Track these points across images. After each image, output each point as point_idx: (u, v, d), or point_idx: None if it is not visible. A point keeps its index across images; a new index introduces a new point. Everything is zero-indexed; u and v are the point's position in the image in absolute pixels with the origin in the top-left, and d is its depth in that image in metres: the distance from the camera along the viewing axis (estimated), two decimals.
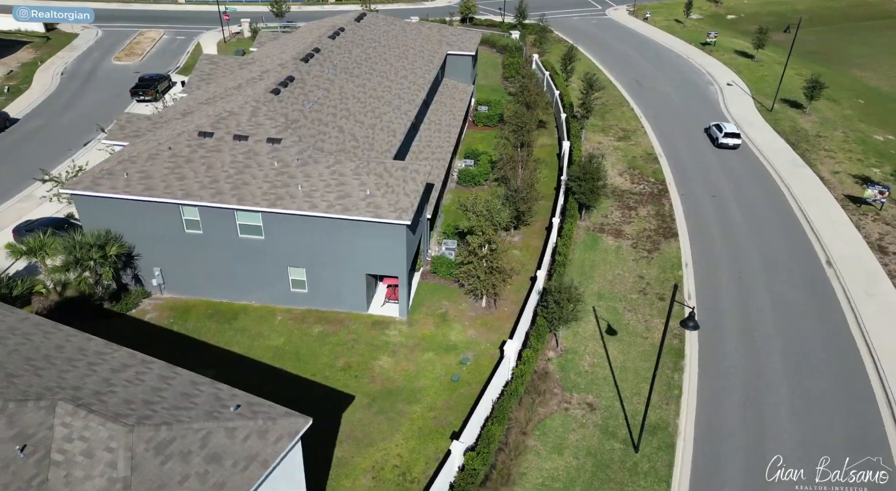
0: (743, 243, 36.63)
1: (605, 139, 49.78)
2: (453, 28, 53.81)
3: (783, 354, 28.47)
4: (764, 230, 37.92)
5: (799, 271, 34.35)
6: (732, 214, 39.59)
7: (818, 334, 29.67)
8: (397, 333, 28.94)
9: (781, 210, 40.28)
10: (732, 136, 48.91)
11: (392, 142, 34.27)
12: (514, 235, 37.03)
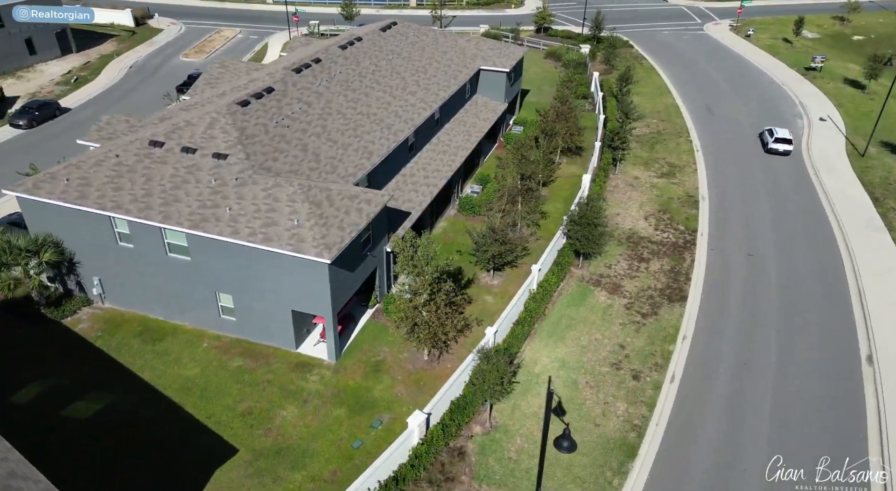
0: (764, 323, 30.40)
1: (644, 174, 44.20)
2: (495, 42, 50.17)
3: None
4: (799, 310, 31.16)
5: (823, 381, 27.89)
6: (765, 282, 33.23)
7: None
8: (317, 380, 26.16)
9: (832, 287, 33.15)
10: (784, 141, 46.10)
11: (363, 165, 31.51)
12: (495, 278, 33.10)
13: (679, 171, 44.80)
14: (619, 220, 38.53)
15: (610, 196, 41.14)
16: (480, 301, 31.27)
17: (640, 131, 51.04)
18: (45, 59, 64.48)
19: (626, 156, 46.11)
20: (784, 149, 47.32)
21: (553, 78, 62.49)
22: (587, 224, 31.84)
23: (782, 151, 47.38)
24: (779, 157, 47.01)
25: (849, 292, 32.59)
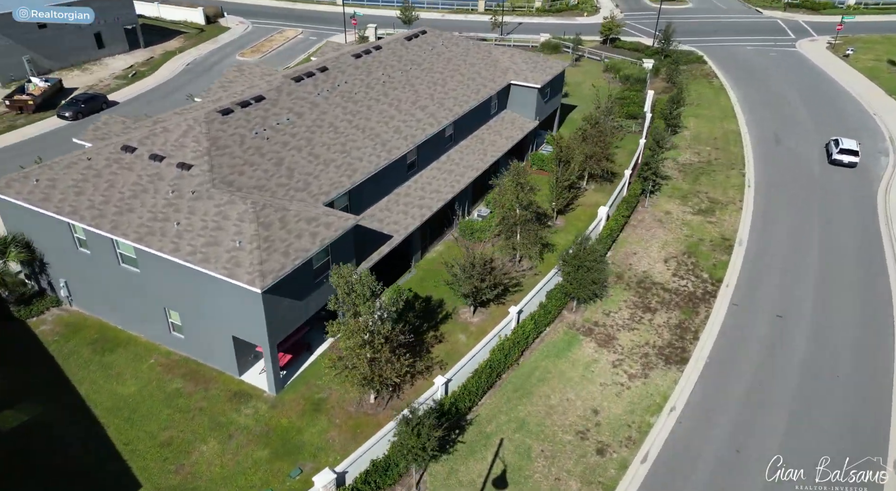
0: (775, 410, 25.72)
1: (677, 209, 39.69)
2: (531, 54, 46.97)
3: None
4: (822, 401, 26.06)
5: None
6: (790, 354, 28.42)
7: None
8: (251, 413, 24.45)
9: (875, 374, 27.95)
10: (849, 152, 43.70)
11: (341, 183, 29.56)
12: (477, 315, 30.26)
13: (720, 208, 39.93)
14: (635, 260, 34.55)
15: (632, 232, 37.12)
16: (452, 340, 28.58)
17: (686, 159, 46.28)
18: (113, 53, 67.28)
19: (662, 187, 41.75)
20: (849, 160, 45.27)
21: (608, 94, 58.30)
22: (578, 267, 28.41)
23: (847, 163, 45.37)
24: (844, 205, 40.95)
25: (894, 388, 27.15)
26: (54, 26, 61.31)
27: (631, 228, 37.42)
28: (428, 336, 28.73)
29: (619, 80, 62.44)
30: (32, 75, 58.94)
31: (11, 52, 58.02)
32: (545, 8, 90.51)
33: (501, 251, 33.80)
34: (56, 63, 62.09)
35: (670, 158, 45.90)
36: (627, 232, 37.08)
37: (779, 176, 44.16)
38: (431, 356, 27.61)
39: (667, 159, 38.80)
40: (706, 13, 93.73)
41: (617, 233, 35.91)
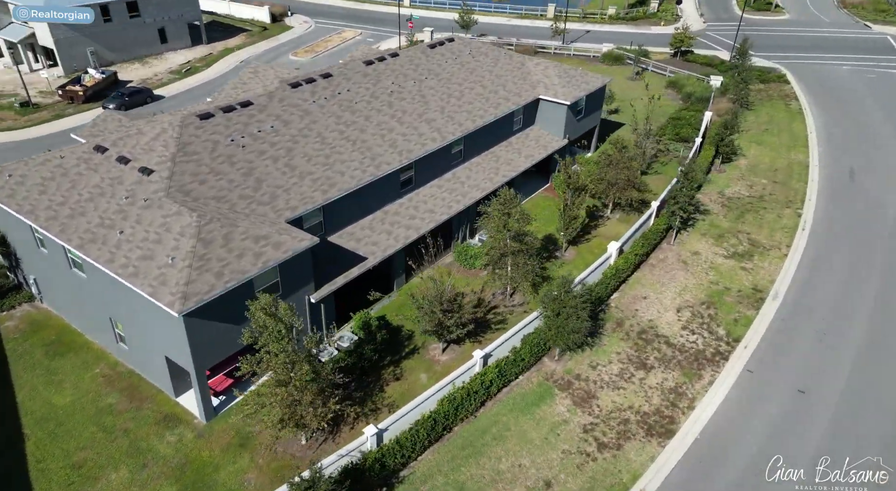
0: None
1: (708, 250, 35.05)
2: (567, 68, 43.26)
3: None
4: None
5: None
6: (804, 445, 23.77)
7: None
8: (174, 441, 22.93)
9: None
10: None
11: (313, 198, 27.59)
12: (448, 353, 27.48)
13: (760, 253, 34.92)
14: (643, 306, 30.57)
15: (648, 272, 33.03)
16: (411, 380, 25.98)
17: (735, 191, 41.18)
18: (175, 48, 69.16)
19: (698, 222, 37.17)
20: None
21: (666, 112, 53.63)
22: (559, 312, 25.04)
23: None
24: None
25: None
26: (119, 20, 63.81)
27: (648, 268, 33.32)
28: (387, 372, 26.30)
29: (680, 98, 57.41)
30: (95, 67, 61.40)
31: (76, 43, 60.59)
32: (619, 16, 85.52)
33: (492, 283, 30.84)
34: (119, 55, 64.40)
35: (715, 191, 41.08)
36: (643, 272, 33.03)
37: (844, 220, 38.30)
38: (384, 396, 25.15)
39: (694, 192, 34.04)
40: (805, 26, 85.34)
41: (627, 272, 31.97)
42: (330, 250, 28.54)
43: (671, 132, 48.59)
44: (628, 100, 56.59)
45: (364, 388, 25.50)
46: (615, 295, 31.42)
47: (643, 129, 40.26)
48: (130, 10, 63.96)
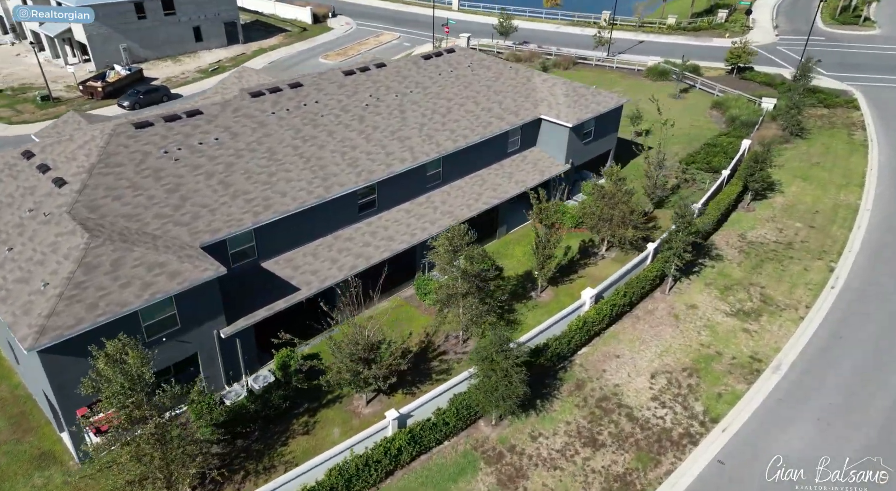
0: None
1: (708, 303, 30.27)
2: (578, 86, 39.00)
3: None
4: None
5: None
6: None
7: None
8: (40, 485, 20.93)
9: None
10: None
11: (242, 221, 25.14)
12: (372, 405, 24.41)
13: (772, 313, 29.83)
14: (612, 366, 26.42)
15: (630, 325, 28.77)
16: (322, 435, 23.08)
17: (759, 234, 35.89)
18: (210, 47, 69.23)
19: (704, 269, 32.41)
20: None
21: (704, 136, 48.42)
22: (487, 375, 21.51)
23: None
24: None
25: None
26: (154, 18, 64.33)
27: (631, 320, 29.03)
28: (298, 422, 23.53)
29: (724, 121, 51.81)
30: (126, 63, 62.06)
31: (109, 39, 61.36)
32: (679, 26, 79.32)
33: (444, 325, 27.54)
34: (152, 53, 64.94)
35: (736, 232, 35.98)
36: (624, 324, 28.80)
37: (887, 282, 32.35)
38: (284, 451, 22.39)
39: (691, 238, 28.90)
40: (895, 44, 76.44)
41: (601, 325, 27.85)
42: (261, 278, 26.11)
43: (702, 160, 43.47)
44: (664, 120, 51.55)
45: (267, 439, 22.86)
46: (584, 350, 27.42)
47: (655, 158, 35.64)
48: (166, 7, 64.33)
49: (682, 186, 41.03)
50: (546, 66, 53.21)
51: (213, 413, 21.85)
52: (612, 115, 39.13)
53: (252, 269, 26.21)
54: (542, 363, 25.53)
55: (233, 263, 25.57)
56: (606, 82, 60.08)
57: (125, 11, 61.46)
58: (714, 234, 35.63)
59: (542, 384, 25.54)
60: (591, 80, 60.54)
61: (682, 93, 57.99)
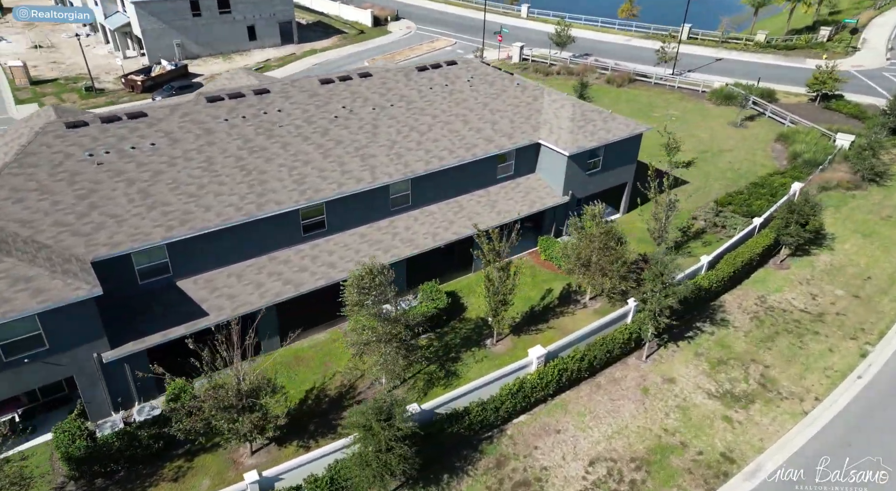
0: None
1: (691, 379, 25.18)
2: (592, 108, 34.40)
3: None
4: None
5: None
6: None
7: None
8: None
9: None
10: None
11: (150, 236, 23.26)
12: (256, 457, 21.70)
13: (770, 402, 24.33)
14: (547, 444, 22.23)
15: (586, 395, 24.37)
16: (188, 485, 20.66)
17: (783, 299, 29.99)
18: (264, 46, 69.57)
19: (701, 336, 27.30)
20: None
21: (754, 173, 42.32)
22: (366, 444, 18.24)
23: None
24: None
25: None
26: (209, 15, 65.30)
27: (591, 388, 24.62)
28: (169, 467, 21.24)
29: (787, 157, 45.13)
30: (178, 58, 63.37)
31: (163, 35, 62.74)
32: (769, 43, 71.02)
33: (370, 371, 24.44)
34: (205, 50, 65.97)
35: (757, 293, 30.33)
36: (580, 392, 24.46)
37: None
38: None
39: (671, 301, 23.69)
40: None
41: (545, 391, 23.68)
42: (171, 298, 24.16)
43: (741, 202, 37.60)
44: (715, 150, 45.70)
45: (129, 483, 20.73)
46: (522, 417, 23.43)
47: (668, 202, 30.61)
48: (221, 6, 65.11)
49: (709, 231, 35.56)
50: (584, 82, 48.57)
51: (71, 447, 20.00)
52: (628, 145, 34.38)
53: (164, 287, 24.33)
54: (460, 432, 21.87)
55: (141, 279, 23.83)
56: (659, 104, 54.52)
57: (180, 9, 62.64)
58: (726, 293, 30.23)
59: (457, 454, 21.91)
60: (642, 100, 55.25)
61: (747, 121, 51.41)
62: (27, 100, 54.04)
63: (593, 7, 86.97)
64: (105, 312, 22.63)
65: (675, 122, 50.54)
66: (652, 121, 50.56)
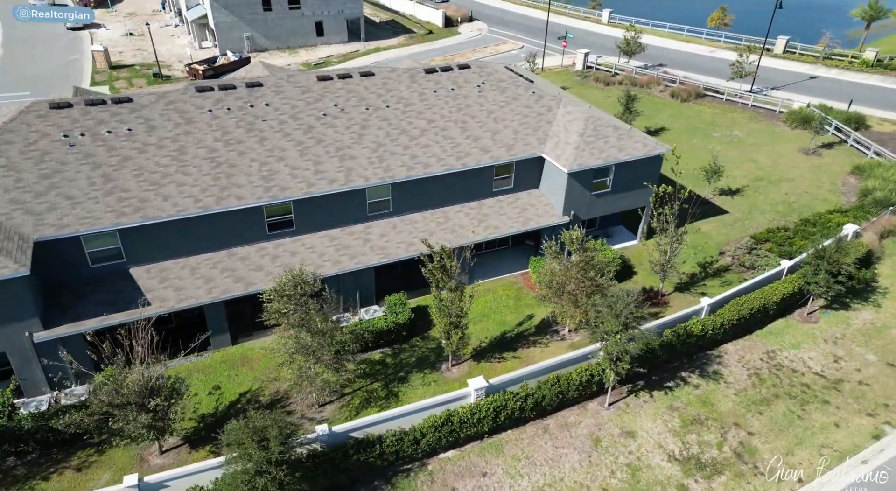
0: None
1: (656, 436, 21.92)
2: (611, 121, 31.14)
3: None
4: None
5: None
6: None
7: None
8: None
9: None
10: None
11: (100, 221, 23.25)
12: (166, 455, 21.08)
13: (740, 476, 20.67)
14: (468, 487, 20.07)
15: (528, 437, 21.88)
16: (88, 477, 20.35)
17: (800, 358, 25.75)
18: (330, 42, 70.56)
19: (681, 388, 23.94)
20: None
21: (812, 207, 37.46)
22: (239, 464, 17.04)
23: None
24: None
25: None
26: (279, 10, 66.94)
27: (537, 430, 22.08)
28: (80, 455, 21.05)
29: (857, 193, 39.57)
30: (249, 50, 65.44)
31: (234, 27, 65.02)
32: (878, 61, 62.91)
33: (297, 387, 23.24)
34: (273, 43, 67.77)
35: (768, 347, 26.35)
36: (525, 432, 22.01)
37: None
38: (37, 487, 20.06)
39: (634, 347, 20.45)
40: None
41: (477, 428, 21.43)
42: (120, 284, 24.16)
43: (780, 239, 33.16)
44: (773, 179, 40.86)
45: (37, 465, 20.70)
46: (451, 453, 21.39)
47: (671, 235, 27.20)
48: (291, 2, 66.59)
49: (734, 269, 31.57)
50: (632, 95, 44.93)
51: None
52: (645, 166, 31.07)
53: (115, 273, 24.39)
54: (369, 461, 20.22)
55: (92, 262, 24.00)
56: (724, 123, 49.77)
57: (252, 3, 64.66)
58: (729, 343, 26.48)
59: (368, 483, 20.29)
60: (704, 118, 50.72)
61: (822, 148, 45.76)
62: (101, 82, 57.61)
63: (682, 15, 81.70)
64: (50, 293, 23.03)
65: (735, 144, 45.89)
66: (709, 141, 46.29)
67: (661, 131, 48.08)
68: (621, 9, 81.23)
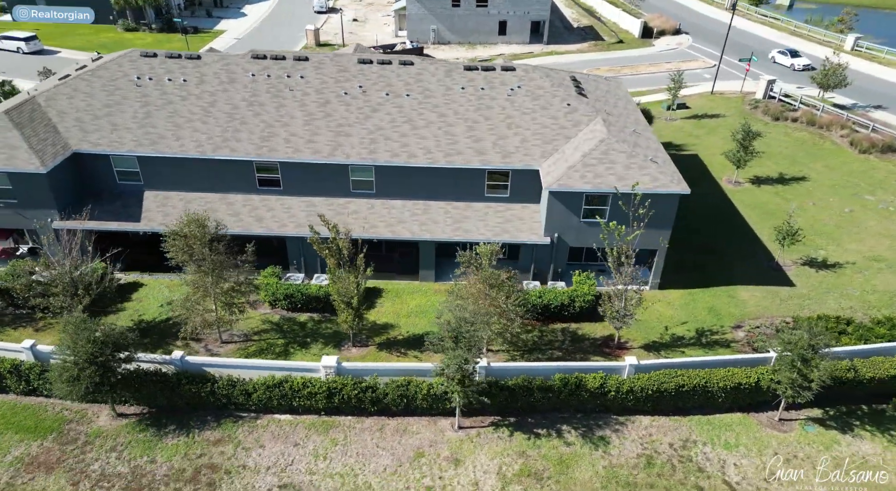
0: None
1: (483, 477, 19.99)
2: (625, 152, 27.61)
3: None
4: None
5: None
6: None
7: None
8: None
9: None
10: None
11: (120, 146, 28.68)
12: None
13: None
14: (268, 451, 20.85)
15: (359, 429, 21.68)
16: None
17: (720, 461, 20.85)
18: (510, 41, 71.87)
19: (548, 443, 21.25)
20: None
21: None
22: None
23: None
24: None
25: None
26: (467, 7, 70.11)
27: (376, 424, 21.72)
28: (41, 320, 26.70)
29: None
30: (434, 42, 70.15)
31: (424, 20, 70.20)
32: None
33: None
34: (456, 37, 71.51)
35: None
36: (364, 423, 21.86)
37: None
38: None
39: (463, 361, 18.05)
40: None
41: (315, 403, 21.84)
42: (132, 200, 29.52)
43: (830, 328, 26.51)
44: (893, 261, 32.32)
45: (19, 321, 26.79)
46: (286, 416, 22.35)
47: (627, 273, 23.79)
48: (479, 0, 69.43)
49: (736, 348, 26.25)
50: (751, 131, 37.92)
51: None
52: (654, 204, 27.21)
53: (135, 193, 29.86)
54: (201, 395, 22.22)
55: (119, 180, 29.74)
56: (894, 188, 39.93)
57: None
58: (646, 416, 22.49)
59: (202, 417, 22.38)
60: (874, 176, 41.66)
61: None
62: None
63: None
64: (87, 196, 29.18)
65: (885, 214, 36.83)
66: (850, 204, 37.95)
67: (797, 181, 40.58)
68: (880, 33, 67.28)
